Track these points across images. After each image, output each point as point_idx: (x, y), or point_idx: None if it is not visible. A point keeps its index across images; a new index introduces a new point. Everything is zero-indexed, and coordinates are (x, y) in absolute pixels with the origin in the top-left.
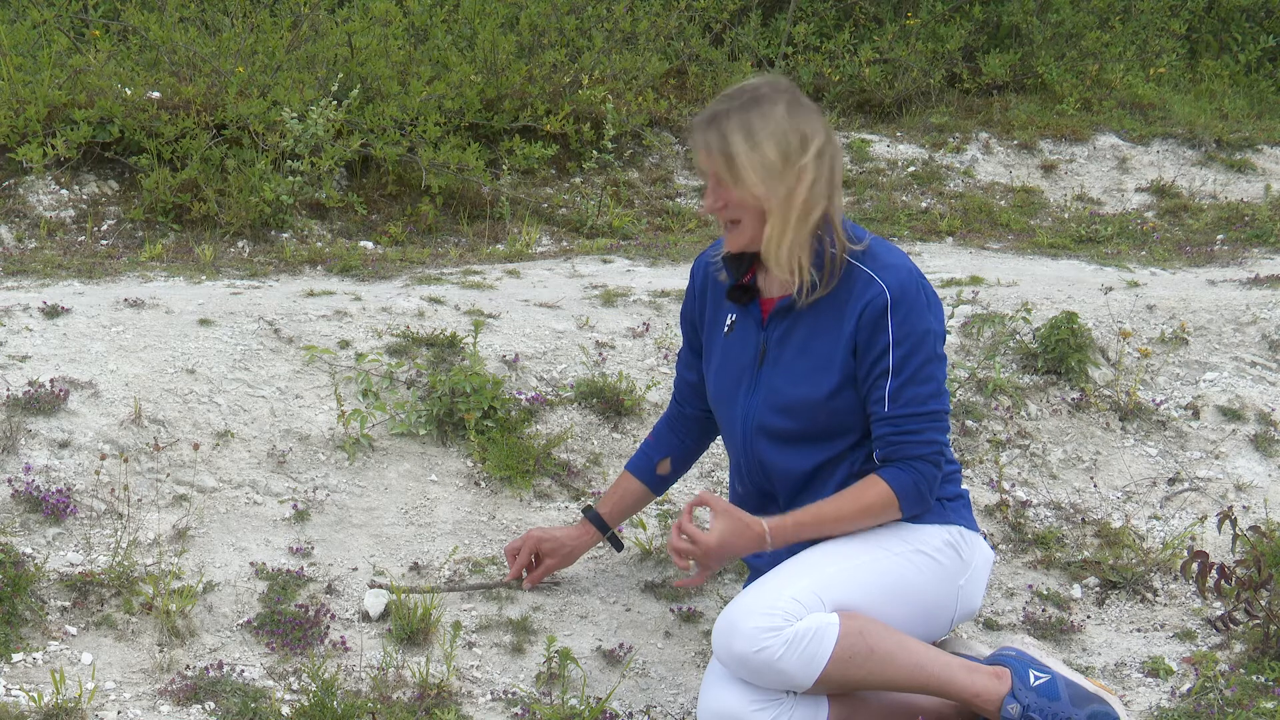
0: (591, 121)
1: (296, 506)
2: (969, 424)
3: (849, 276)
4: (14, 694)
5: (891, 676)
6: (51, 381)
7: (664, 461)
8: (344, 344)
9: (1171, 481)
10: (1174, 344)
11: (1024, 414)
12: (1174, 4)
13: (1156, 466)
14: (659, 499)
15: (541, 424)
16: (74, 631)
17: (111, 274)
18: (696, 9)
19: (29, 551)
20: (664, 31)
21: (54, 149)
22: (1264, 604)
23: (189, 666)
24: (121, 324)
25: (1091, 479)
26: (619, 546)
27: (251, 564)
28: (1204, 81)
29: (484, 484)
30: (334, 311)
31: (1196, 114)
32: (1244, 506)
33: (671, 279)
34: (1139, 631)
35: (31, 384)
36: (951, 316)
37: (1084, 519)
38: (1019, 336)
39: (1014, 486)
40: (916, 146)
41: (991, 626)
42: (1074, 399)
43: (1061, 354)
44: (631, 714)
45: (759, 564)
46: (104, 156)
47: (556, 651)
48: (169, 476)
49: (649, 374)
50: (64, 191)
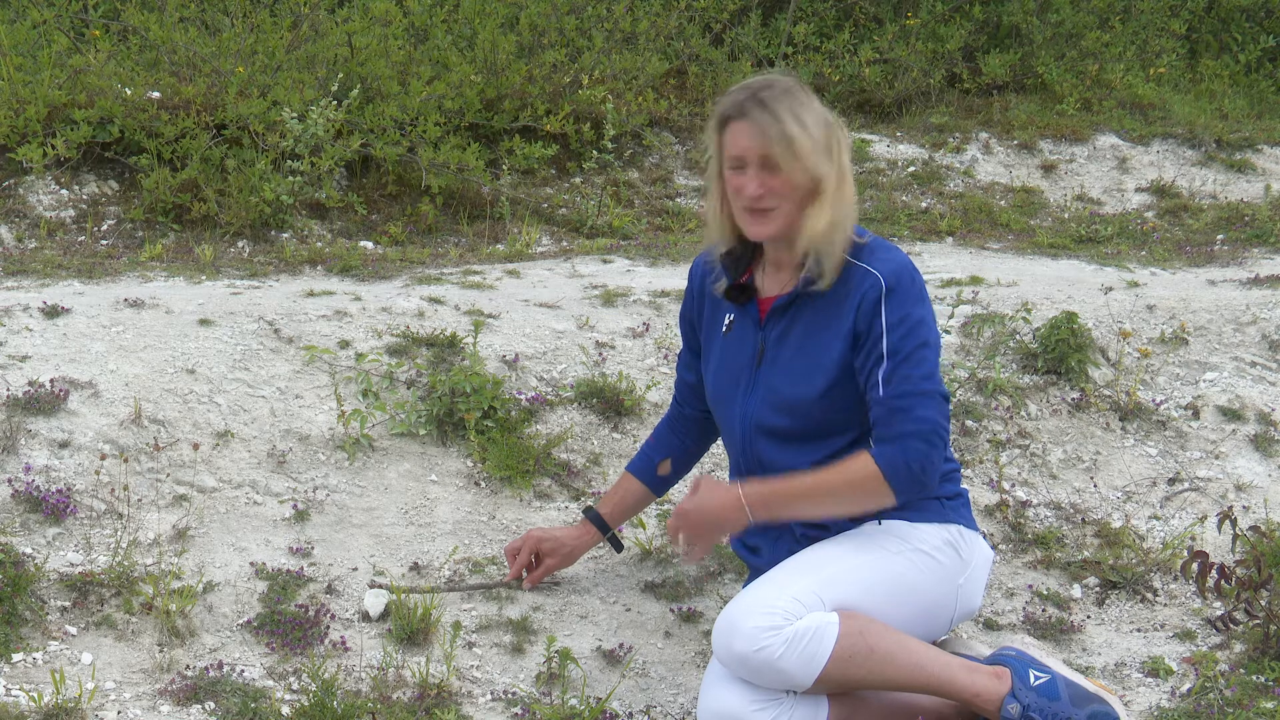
0: (591, 121)
1: (296, 506)
2: (969, 424)
3: (847, 273)
4: (14, 694)
5: (891, 676)
6: (51, 381)
7: (664, 462)
8: (344, 344)
9: (1171, 481)
10: (1174, 344)
11: (1024, 414)
12: (1174, 4)
13: (1156, 466)
14: (659, 500)
15: (541, 424)
16: (74, 631)
17: (111, 274)
18: (696, 9)
19: (29, 551)
20: (664, 31)
21: (54, 149)
22: (1264, 604)
23: (189, 666)
24: (121, 324)
25: (1091, 479)
26: (619, 547)
27: (251, 564)
28: (1204, 81)
29: (484, 484)
30: (334, 311)
31: (1196, 114)
32: (1244, 506)
33: (671, 279)
34: (1139, 631)
35: (31, 384)
36: (951, 316)
37: (1084, 519)
38: (1019, 336)
39: (1014, 486)
40: (916, 146)
41: (991, 626)
42: (1074, 399)
43: (1061, 354)
44: (631, 714)
45: (759, 564)
46: (104, 156)
47: (556, 651)
48: (169, 476)
49: (649, 374)
50: (64, 191)
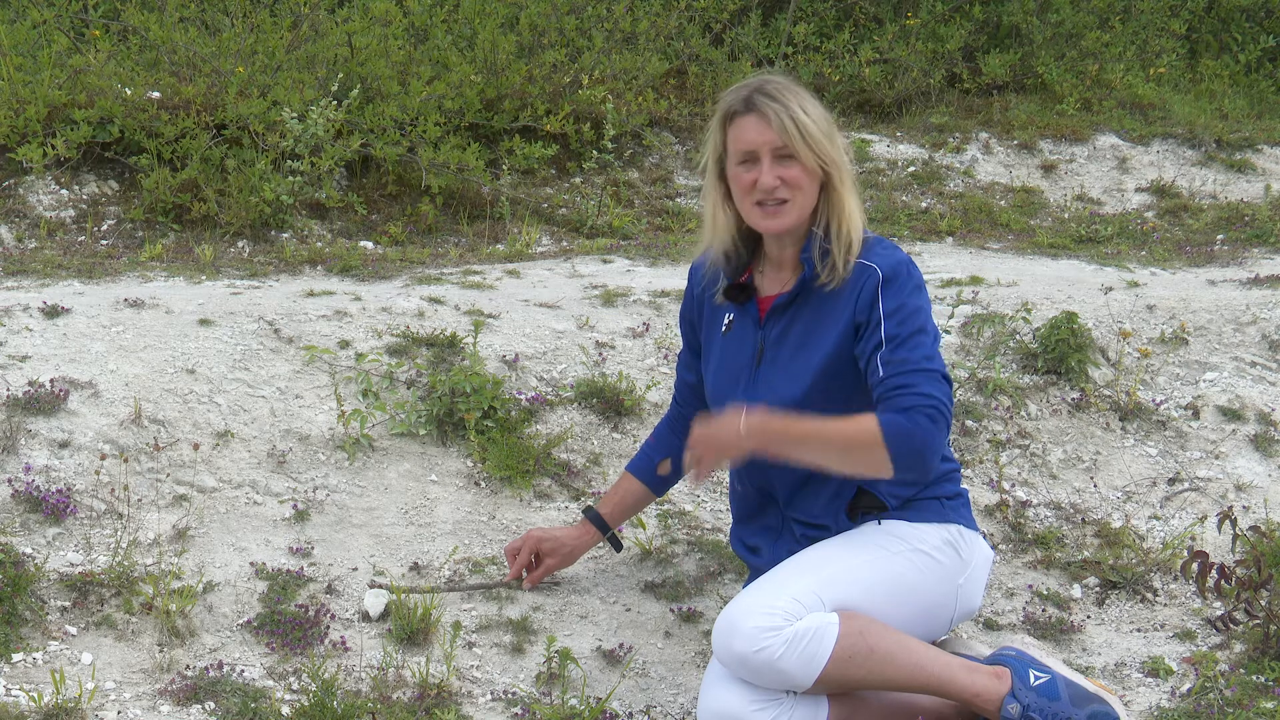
0: (591, 121)
1: (296, 506)
2: (969, 424)
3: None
4: (14, 694)
5: (891, 676)
6: (51, 381)
7: (665, 462)
8: (344, 344)
9: (1171, 481)
10: (1174, 344)
11: (1024, 414)
12: (1174, 4)
13: (1156, 466)
14: (659, 500)
15: (541, 424)
16: (74, 631)
17: (111, 274)
18: (696, 9)
19: (29, 551)
20: (664, 31)
21: (54, 149)
22: (1264, 604)
23: (189, 666)
24: (121, 324)
25: (1091, 479)
26: (619, 547)
27: (251, 564)
28: (1204, 81)
29: (484, 484)
30: (334, 311)
31: (1196, 114)
32: (1244, 506)
33: (671, 279)
34: (1139, 631)
35: (31, 384)
36: (951, 316)
37: (1084, 519)
38: (1019, 336)
39: (1014, 486)
40: (916, 146)
41: (991, 626)
42: (1074, 399)
43: (1061, 354)
44: (631, 714)
45: (759, 564)
46: (104, 156)
47: (556, 651)
48: (169, 476)
49: (649, 374)
50: (64, 191)
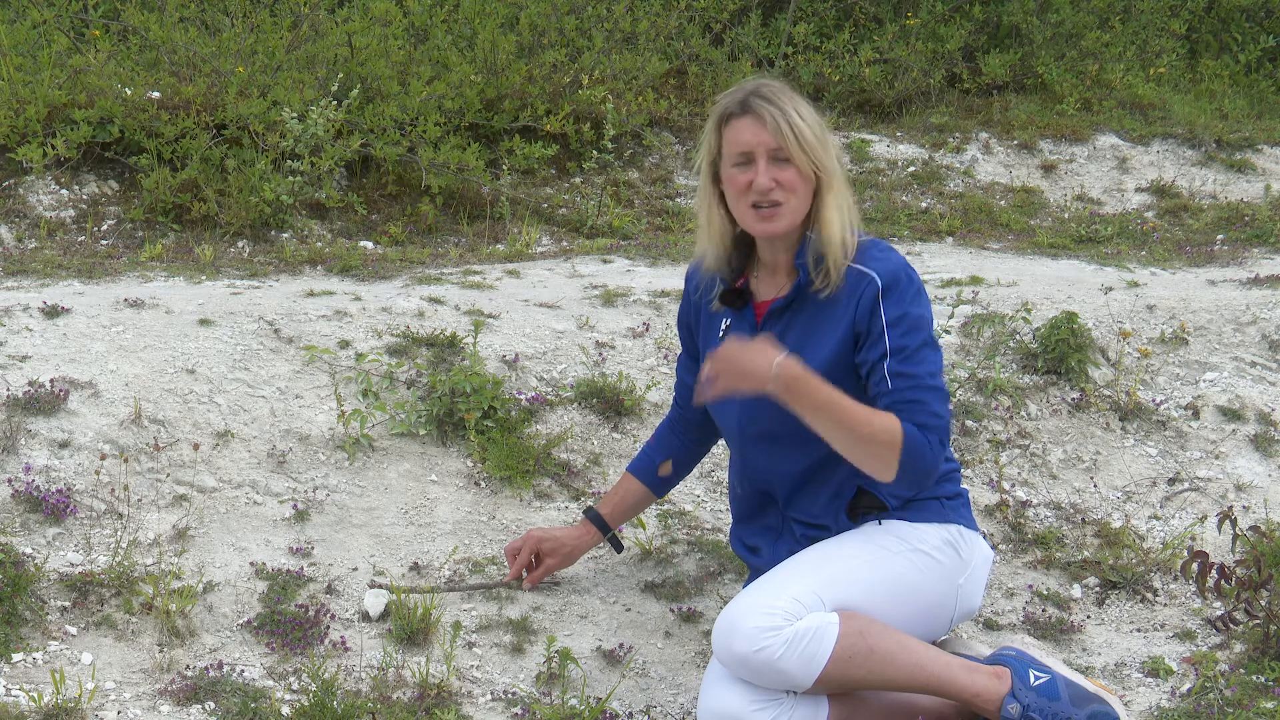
0: (591, 121)
1: (296, 506)
2: (969, 424)
3: (842, 275)
4: (14, 694)
5: (891, 676)
6: (51, 381)
7: (665, 463)
8: (344, 344)
9: (1171, 481)
10: (1174, 344)
11: (1024, 414)
12: (1174, 4)
13: (1156, 466)
14: (660, 500)
15: (541, 424)
16: (74, 631)
17: (111, 274)
18: (696, 9)
19: (29, 551)
20: (664, 31)
21: (54, 149)
22: (1264, 604)
23: (189, 666)
24: (121, 324)
25: (1091, 479)
26: (619, 547)
27: (251, 564)
28: (1204, 81)
29: (484, 484)
30: (334, 311)
31: (1196, 114)
32: (1244, 506)
33: (671, 279)
34: (1139, 631)
35: (31, 384)
36: (951, 316)
37: (1084, 519)
38: (1019, 336)
39: (1014, 486)
40: (916, 146)
41: (991, 626)
42: (1074, 399)
43: (1061, 354)
44: (631, 714)
45: (758, 564)
46: (104, 156)
47: (556, 651)
48: (169, 476)
49: (649, 374)
50: (64, 191)
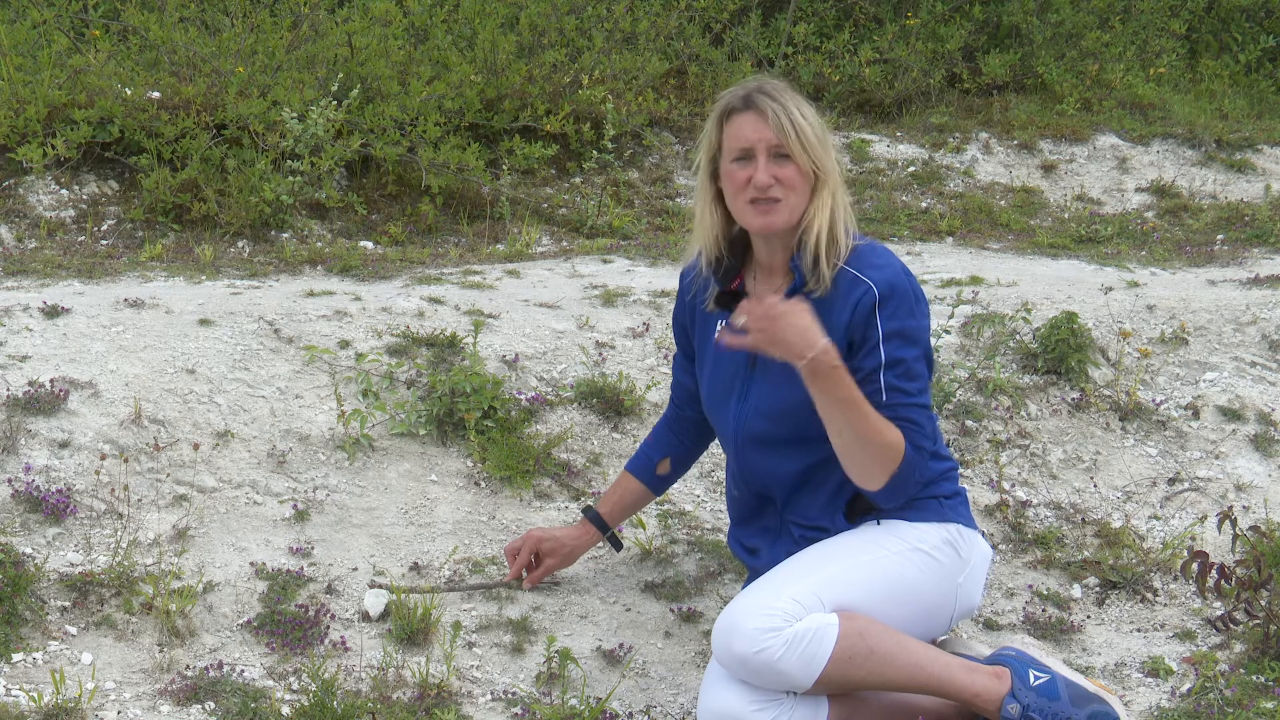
0: (591, 121)
1: (296, 506)
2: (969, 424)
3: (839, 279)
4: (14, 694)
5: (891, 676)
6: (51, 381)
7: (664, 462)
8: (344, 344)
9: (1171, 481)
10: (1174, 344)
11: (1024, 414)
12: (1174, 4)
13: (1156, 466)
14: (659, 499)
15: (541, 424)
16: (74, 631)
17: (111, 274)
18: (696, 9)
19: (29, 551)
20: (664, 31)
21: (54, 149)
22: (1264, 604)
23: (189, 666)
24: (121, 324)
25: (1091, 479)
26: (618, 546)
27: (251, 564)
28: (1204, 81)
29: (484, 484)
30: (334, 311)
31: (1196, 114)
32: (1244, 506)
33: (671, 279)
34: (1139, 631)
35: (31, 384)
36: (951, 316)
37: (1084, 519)
38: (1019, 336)
39: (1014, 486)
40: (916, 146)
41: (991, 626)
42: (1074, 399)
43: (1061, 354)
44: (631, 714)
45: (757, 565)
46: (104, 156)
47: (556, 651)
48: (169, 476)
49: (649, 374)
50: (64, 191)
